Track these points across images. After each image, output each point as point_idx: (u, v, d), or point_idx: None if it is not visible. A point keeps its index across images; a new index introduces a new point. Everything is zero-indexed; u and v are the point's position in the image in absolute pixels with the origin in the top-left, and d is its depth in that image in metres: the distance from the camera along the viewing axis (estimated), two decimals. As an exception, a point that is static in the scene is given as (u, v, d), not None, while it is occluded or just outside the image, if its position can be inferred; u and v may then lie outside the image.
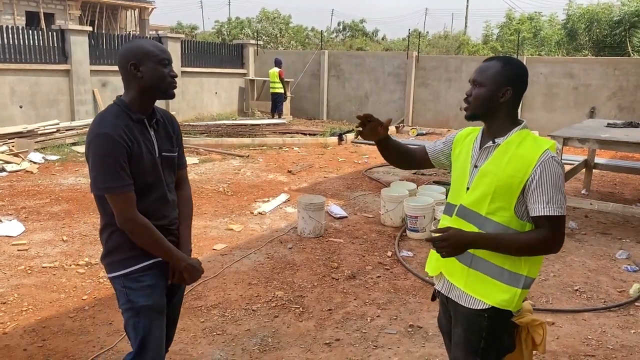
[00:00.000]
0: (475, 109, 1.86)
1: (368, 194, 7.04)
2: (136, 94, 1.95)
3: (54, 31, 11.16)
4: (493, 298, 1.83)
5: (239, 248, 4.90)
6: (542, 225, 1.76)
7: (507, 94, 1.82)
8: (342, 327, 3.49)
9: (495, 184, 1.80)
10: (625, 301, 3.94)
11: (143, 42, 1.98)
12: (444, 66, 13.86)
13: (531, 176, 1.75)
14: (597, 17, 18.54)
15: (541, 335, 1.88)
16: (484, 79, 1.84)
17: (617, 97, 11.77)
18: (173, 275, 2.07)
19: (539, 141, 1.83)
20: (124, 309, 2.03)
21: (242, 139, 10.78)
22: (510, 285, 1.82)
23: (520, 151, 1.80)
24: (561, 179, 1.77)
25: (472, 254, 1.85)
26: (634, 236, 5.47)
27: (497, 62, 1.85)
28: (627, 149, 5.66)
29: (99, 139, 1.86)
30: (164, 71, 1.96)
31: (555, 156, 1.78)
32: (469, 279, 1.87)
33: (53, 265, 4.36)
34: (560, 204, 1.75)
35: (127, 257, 1.99)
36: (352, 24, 34.14)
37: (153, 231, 1.94)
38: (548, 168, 1.75)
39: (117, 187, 1.87)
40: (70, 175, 7.58)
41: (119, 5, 23.06)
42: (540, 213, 1.75)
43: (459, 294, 1.91)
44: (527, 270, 1.84)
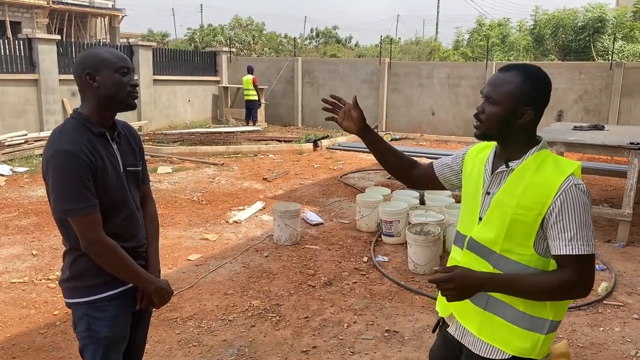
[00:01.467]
0: (488, 129, 1.59)
1: (343, 199, 7.08)
2: (94, 105, 1.83)
3: (21, 40, 10.92)
4: (511, 346, 1.59)
5: (214, 258, 4.86)
6: (566, 265, 1.50)
7: (526, 115, 1.55)
8: (319, 334, 3.49)
9: (509, 218, 1.54)
10: (594, 300, 4.05)
11: (100, 50, 1.85)
12: (415, 72, 14.05)
13: (550, 207, 1.49)
14: (563, 22, 19.10)
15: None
16: (499, 97, 1.55)
17: (583, 100, 12.12)
18: (141, 300, 1.96)
19: (561, 164, 1.55)
20: (82, 336, 1.89)
21: (216, 146, 10.71)
22: (531, 331, 1.58)
23: (538, 178, 1.53)
24: (587, 210, 1.50)
25: (488, 295, 1.61)
26: (601, 236, 5.62)
27: (516, 76, 1.55)
28: (592, 151, 5.83)
29: (58, 157, 1.72)
30: (122, 80, 1.82)
31: (580, 183, 1.51)
32: (484, 324, 1.63)
33: (22, 280, 4.25)
34: (587, 241, 1.48)
35: (93, 284, 1.86)
36: (325, 31, 34.33)
37: (121, 254, 1.82)
38: (571, 198, 1.48)
39: (80, 209, 1.73)
40: (40, 188, 7.40)
41: (89, 13, 22.71)
42: (562, 252, 1.49)
43: (473, 341, 1.67)
44: (553, 315, 1.58)
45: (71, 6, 21.78)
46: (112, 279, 1.87)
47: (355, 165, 9.60)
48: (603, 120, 11.29)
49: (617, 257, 5.02)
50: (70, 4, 21.91)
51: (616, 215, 5.43)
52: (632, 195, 5.29)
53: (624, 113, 11.70)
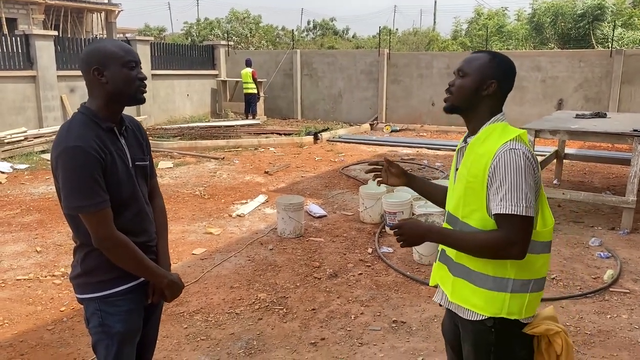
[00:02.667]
0: (456, 99, 1.76)
1: (346, 192, 7.06)
2: (102, 100, 1.81)
3: (19, 36, 10.85)
4: (480, 307, 1.70)
5: (219, 252, 4.86)
6: (500, 224, 1.60)
7: (491, 87, 1.72)
8: (326, 326, 3.49)
9: (464, 186, 1.70)
10: (600, 287, 4.05)
11: (106, 43, 1.81)
12: (415, 63, 13.99)
13: (489, 172, 1.62)
14: (562, 10, 19.00)
15: (560, 344, 1.69)
16: (469, 69, 1.74)
17: (583, 88, 12.08)
18: (153, 294, 1.96)
19: (505, 132, 1.68)
20: (95, 331, 1.89)
21: (216, 141, 10.69)
22: (496, 291, 1.68)
23: (483, 148, 1.67)
24: (522, 171, 1.58)
25: (455, 261, 1.76)
26: (605, 223, 5.62)
27: (486, 55, 1.77)
28: (595, 139, 5.81)
29: (68, 153, 1.70)
30: (131, 74, 1.80)
31: (517, 148, 1.61)
32: (455, 288, 1.78)
33: (28, 277, 4.24)
34: (517, 201, 1.56)
35: (105, 279, 1.85)
36: (322, 23, 34.15)
37: (133, 249, 1.82)
38: (504, 161, 1.59)
39: (92, 205, 1.72)
40: (41, 184, 7.38)
41: (85, 8, 22.58)
42: (494, 211, 1.61)
43: (456, 306, 1.80)
44: (514, 273, 1.67)
45: (67, 2, 21.64)
46: (123, 273, 1.87)
47: (357, 157, 9.58)
48: (603, 108, 11.26)
49: (621, 244, 5.02)
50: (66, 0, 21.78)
51: (620, 203, 5.43)
52: (635, 183, 5.28)
53: (625, 100, 11.66)
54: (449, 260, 1.81)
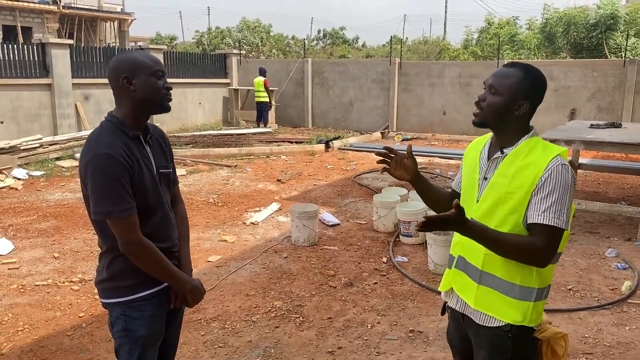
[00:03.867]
0: (486, 117, 1.75)
1: (359, 200, 7.07)
2: (130, 109, 1.86)
3: (35, 45, 11.02)
4: (505, 315, 1.74)
5: (234, 259, 4.88)
6: (536, 233, 1.64)
7: (522, 108, 1.72)
8: (343, 335, 3.49)
9: (503, 196, 1.71)
10: (618, 298, 4.02)
11: (135, 54, 1.89)
12: (426, 72, 14.01)
13: (539, 182, 1.65)
14: (574, 20, 18.94)
15: (563, 347, 1.80)
16: (501, 88, 1.71)
17: (596, 98, 12.03)
18: (175, 299, 1.99)
19: (549, 148, 1.72)
20: (118, 335, 1.93)
21: (228, 148, 10.75)
22: (521, 299, 1.73)
23: (528, 160, 1.69)
24: (568, 187, 1.64)
25: (480, 270, 1.78)
26: (621, 234, 5.58)
27: (519, 71, 1.73)
28: (611, 149, 5.79)
29: (99, 160, 1.76)
30: (158, 83, 1.87)
31: (566, 163, 1.67)
32: (479, 296, 1.79)
33: (46, 283, 4.29)
34: (559, 214, 1.62)
35: (130, 284, 1.90)
36: (332, 32, 34.33)
37: (158, 254, 1.86)
38: (556, 174, 1.64)
39: (119, 211, 1.77)
40: (57, 191, 7.47)
41: (98, 17, 22.91)
42: (535, 220, 1.64)
43: (473, 312, 1.82)
44: (539, 282, 1.73)
45: (81, 11, 21.97)
46: (148, 278, 1.90)
47: (368, 166, 9.58)
48: (616, 118, 11.19)
49: (638, 255, 4.97)
50: (80, 9, 22.10)
51: (636, 214, 5.39)
52: (652, 193, 5.24)
53: (638, 111, 11.59)
54: (470, 268, 1.82)
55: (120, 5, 27.53)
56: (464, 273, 1.85)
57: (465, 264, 1.85)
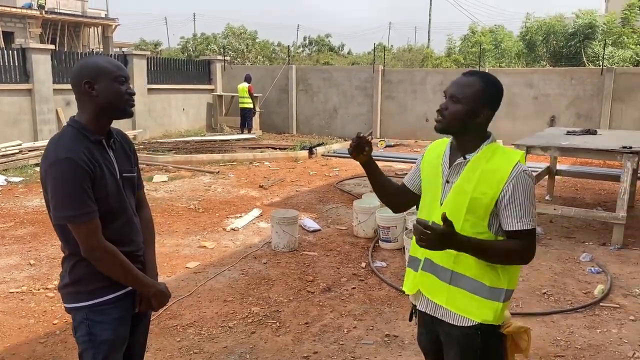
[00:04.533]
0: (449, 124, 1.83)
1: (340, 206, 7.10)
2: (92, 114, 1.86)
3: (15, 50, 10.92)
4: (476, 314, 1.81)
5: (213, 265, 4.87)
6: (517, 238, 1.77)
7: (483, 115, 1.81)
8: (319, 340, 3.51)
9: (467, 201, 1.78)
10: (590, 302, 4.09)
11: (97, 59, 1.88)
12: (409, 79, 14.14)
13: (503, 190, 1.75)
14: (554, 29, 19.31)
15: (526, 340, 1.90)
16: (462, 96, 1.79)
17: (575, 105, 12.24)
18: (140, 303, 1.99)
19: (509, 154, 1.81)
20: (81, 340, 1.91)
21: (211, 154, 10.72)
22: (491, 300, 1.80)
23: (491, 166, 1.78)
24: (532, 191, 1.78)
25: (451, 271, 1.83)
26: (596, 239, 5.68)
27: (478, 80, 1.81)
28: (586, 156, 5.90)
29: (58, 165, 1.75)
30: (120, 88, 1.87)
31: (526, 169, 1.78)
32: (450, 296, 1.84)
33: (21, 290, 4.23)
34: (532, 217, 1.77)
35: (94, 288, 1.88)
36: (318, 39, 34.49)
37: (121, 259, 1.86)
38: (520, 182, 1.75)
39: (80, 215, 1.76)
40: (35, 197, 7.38)
41: (82, 22, 22.74)
42: (514, 227, 1.75)
43: (444, 313, 1.87)
44: (507, 283, 1.82)
45: (64, 16, 21.79)
46: (111, 282, 1.90)
47: (351, 172, 9.63)
48: (595, 125, 11.40)
49: (612, 259, 5.07)
50: (63, 14, 21.93)
51: (610, 219, 5.49)
52: (625, 199, 5.35)
53: (615, 118, 11.82)
54: (439, 269, 1.86)
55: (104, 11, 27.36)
56: (432, 274, 1.88)
57: (433, 266, 1.88)
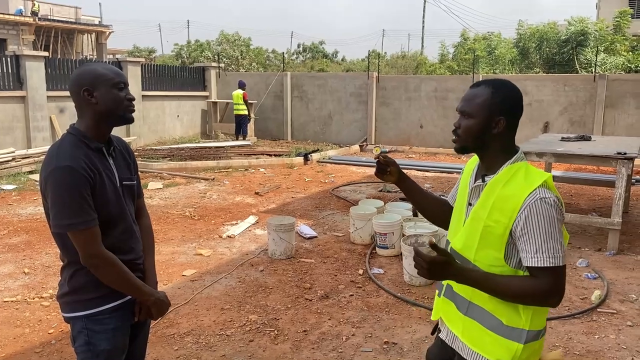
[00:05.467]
0: (465, 142, 1.67)
1: (336, 212, 7.09)
2: (92, 121, 1.86)
3: (9, 57, 10.86)
4: (491, 353, 1.64)
5: (210, 273, 4.84)
6: (536, 275, 1.54)
7: (500, 125, 1.62)
8: (318, 347, 3.49)
9: (481, 230, 1.62)
10: (588, 308, 4.10)
11: (96, 66, 1.88)
12: (403, 86, 14.20)
13: (516, 220, 1.55)
14: (547, 36, 19.49)
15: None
16: (472, 110, 1.64)
17: (568, 112, 12.33)
18: (139, 312, 1.98)
19: (530, 177, 1.58)
20: (80, 350, 1.89)
21: (206, 161, 10.69)
22: (509, 339, 1.61)
23: (506, 191, 1.58)
24: (553, 222, 1.52)
25: (468, 301, 1.68)
26: (592, 245, 5.70)
27: (486, 88, 1.64)
28: (581, 162, 5.93)
29: (59, 172, 1.74)
30: (119, 95, 1.86)
31: (547, 197, 1.53)
32: (465, 328, 1.70)
33: (15, 299, 4.19)
34: (553, 252, 1.51)
35: (92, 297, 1.87)
36: (312, 46, 34.60)
37: (120, 267, 1.85)
38: (535, 211, 1.52)
39: (80, 223, 1.75)
40: (29, 205, 7.32)
41: (75, 29, 22.69)
42: (529, 263, 1.54)
43: (461, 346, 1.73)
44: (529, 325, 1.60)
45: (57, 23, 21.75)
46: (111, 291, 1.89)
47: (347, 178, 9.64)
48: (588, 131, 11.48)
49: (608, 265, 5.09)
50: (57, 21, 21.88)
51: (606, 224, 5.51)
52: (620, 204, 5.38)
53: (608, 124, 11.92)
54: (457, 298, 1.73)
55: (97, 18, 27.34)
56: (451, 302, 1.77)
57: (453, 293, 1.76)
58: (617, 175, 5.38)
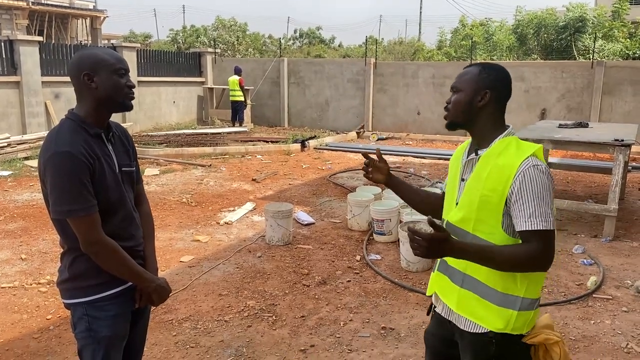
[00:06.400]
0: (454, 115, 1.78)
1: (334, 199, 7.10)
2: (91, 106, 1.83)
3: (2, 42, 10.73)
4: (486, 321, 1.70)
5: (207, 259, 4.84)
6: (529, 240, 1.61)
7: (485, 98, 1.72)
8: (316, 332, 3.51)
9: (478, 200, 1.69)
10: (583, 294, 4.13)
11: (97, 51, 1.85)
12: (401, 72, 14.13)
13: (512, 187, 1.62)
14: (545, 22, 19.38)
15: (558, 353, 1.71)
16: (461, 84, 1.77)
17: (566, 98, 12.31)
18: (140, 298, 1.97)
19: (522, 148, 1.68)
20: (81, 336, 1.89)
21: (203, 148, 10.66)
22: (504, 307, 1.68)
23: (501, 161, 1.67)
24: (546, 188, 1.62)
25: (463, 274, 1.74)
26: (588, 231, 5.73)
27: (475, 68, 1.78)
28: (578, 148, 5.93)
29: (58, 158, 1.72)
30: (120, 81, 1.84)
31: (538, 164, 1.63)
32: (461, 300, 1.76)
33: (13, 285, 4.19)
34: (545, 217, 1.60)
35: (93, 284, 1.86)
36: (308, 32, 34.32)
37: (121, 254, 1.84)
38: (529, 177, 1.61)
39: (80, 210, 1.73)
40: (25, 191, 7.29)
41: (69, 14, 22.42)
42: (523, 227, 1.61)
43: (457, 317, 1.79)
44: (524, 291, 1.68)
45: (51, 7, 21.47)
46: (111, 278, 1.88)
47: (344, 165, 9.63)
48: (585, 118, 11.48)
49: (604, 251, 5.12)
50: (51, 5, 21.60)
51: (602, 211, 5.54)
52: (617, 191, 5.40)
53: (605, 111, 11.91)
54: (452, 271, 1.79)
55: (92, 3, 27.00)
56: (446, 276, 1.83)
57: (447, 267, 1.82)
58: (614, 162, 5.38)
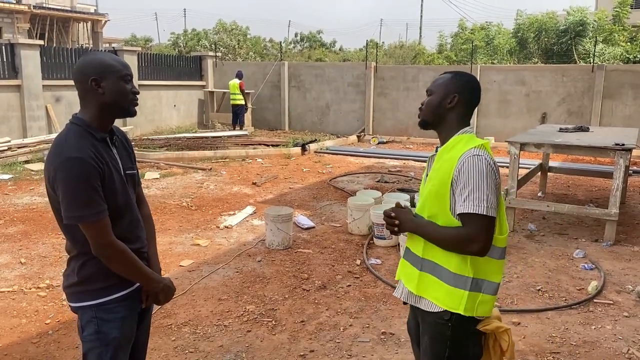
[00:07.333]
0: (426, 115, 1.97)
1: (334, 203, 7.09)
2: (96, 111, 1.86)
3: (3, 45, 10.75)
4: (441, 300, 1.85)
5: (207, 263, 4.83)
6: (463, 223, 1.77)
7: (453, 101, 1.91)
8: (315, 338, 3.49)
9: (430, 190, 1.88)
10: (584, 298, 4.11)
11: (103, 56, 1.88)
12: (401, 76, 14.14)
13: (454, 175, 1.80)
14: (545, 26, 19.41)
15: (507, 341, 1.88)
16: (434, 88, 1.97)
17: (566, 102, 12.31)
18: (146, 299, 2.00)
19: (470, 142, 1.86)
20: (89, 339, 1.91)
21: (203, 151, 10.65)
22: (456, 287, 1.82)
23: (449, 154, 1.86)
24: (484, 176, 1.76)
25: (422, 258, 1.91)
26: (589, 235, 5.71)
27: (449, 74, 1.98)
28: (579, 152, 5.92)
29: (69, 164, 1.74)
30: (126, 87, 1.88)
31: (480, 154, 1.79)
32: (420, 282, 1.91)
33: (12, 289, 4.17)
34: (479, 202, 1.73)
35: (103, 286, 1.89)
36: (309, 35, 34.40)
37: (131, 256, 1.88)
38: (467, 165, 1.77)
39: (92, 215, 1.76)
40: (25, 195, 7.29)
41: (71, 17, 22.49)
42: (459, 211, 1.78)
43: (418, 299, 1.94)
44: (474, 272, 1.82)
45: (53, 11, 21.54)
46: (119, 280, 1.91)
47: (344, 169, 9.62)
48: (586, 122, 11.46)
49: (605, 256, 5.10)
50: (52, 9, 21.67)
51: (603, 215, 5.52)
52: (618, 195, 5.38)
53: (606, 115, 11.90)
54: (413, 257, 1.96)
55: (93, 6, 27.09)
56: (409, 262, 2.00)
57: (409, 253, 2.00)
58: (615, 166, 5.37)
